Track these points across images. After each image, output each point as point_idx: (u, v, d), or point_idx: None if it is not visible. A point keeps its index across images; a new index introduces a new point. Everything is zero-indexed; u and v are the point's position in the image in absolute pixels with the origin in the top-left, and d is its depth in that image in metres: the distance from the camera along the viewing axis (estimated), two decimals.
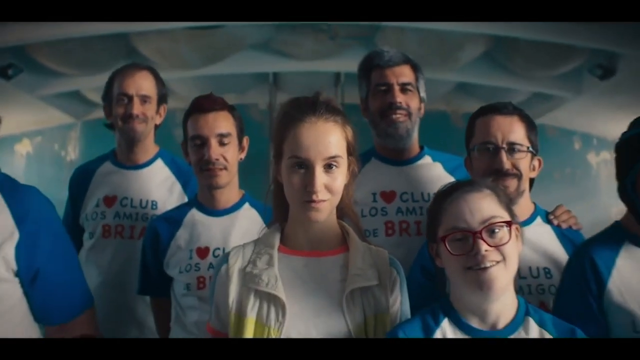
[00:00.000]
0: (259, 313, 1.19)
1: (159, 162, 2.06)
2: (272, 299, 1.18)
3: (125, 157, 2.04)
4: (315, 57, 5.33)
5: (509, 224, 1.13)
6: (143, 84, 1.97)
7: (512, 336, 1.12)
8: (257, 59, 5.48)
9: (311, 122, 1.18)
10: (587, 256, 1.29)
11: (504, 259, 1.11)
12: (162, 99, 2.05)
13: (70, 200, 2.06)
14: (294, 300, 1.19)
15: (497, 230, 1.12)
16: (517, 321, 1.14)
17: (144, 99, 1.98)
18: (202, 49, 5.17)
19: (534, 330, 1.13)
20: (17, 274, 1.37)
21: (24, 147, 16.02)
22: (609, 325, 1.23)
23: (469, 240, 1.11)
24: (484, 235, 1.10)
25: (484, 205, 1.13)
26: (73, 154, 16.10)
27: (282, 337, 1.17)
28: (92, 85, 8.17)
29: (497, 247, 1.11)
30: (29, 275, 1.38)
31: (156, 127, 2.09)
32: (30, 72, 6.14)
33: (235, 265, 1.24)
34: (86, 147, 17.04)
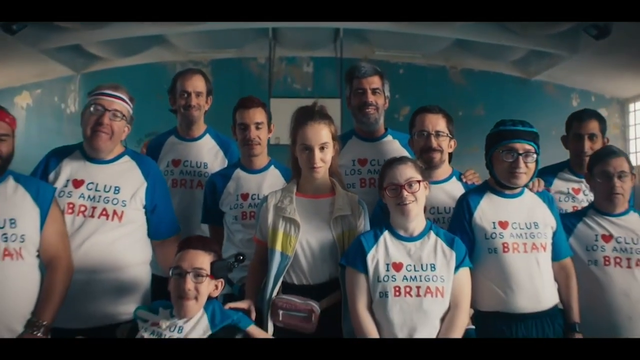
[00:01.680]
0: (285, 228, 2.34)
1: (208, 136, 3.19)
2: (292, 221, 2.34)
3: (185, 133, 3.17)
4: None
5: (419, 181, 2.27)
6: (198, 84, 3.09)
7: (420, 240, 2.27)
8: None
9: (311, 124, 2.32)
10: (465, 199, 2.46)
11: (416, 200, 2.26)
12: (209, 92, 3.16)
13: None
14: (303, 222, 2.34)
15: (413, 185, 2.26)
16: (425, 232, 2.30)
17: (198, 94, 3.10)
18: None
19: (432, 237, 2.29)
20: (144, 207, 2.53)
21: (23, 100, 16.71)
22: (475, 236, 2.40)
23: (398, 189, 2.26)
24: (406, 187, 2.25)
25: (407, 171, 2.27)
26: (73, 106, 16.78)
27: (297, 242, 2.31)
28: (93, 39, 9.04)
29: (413, 193, 2.25)
30: (150, 208, 2.55)
31: (205, 112, 3.19)
32: (33, 26, 6.76)
33: (271, 202, 2.39)
34: (85, 99, 17.69)
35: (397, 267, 2.20)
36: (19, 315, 2.18)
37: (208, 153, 3.15)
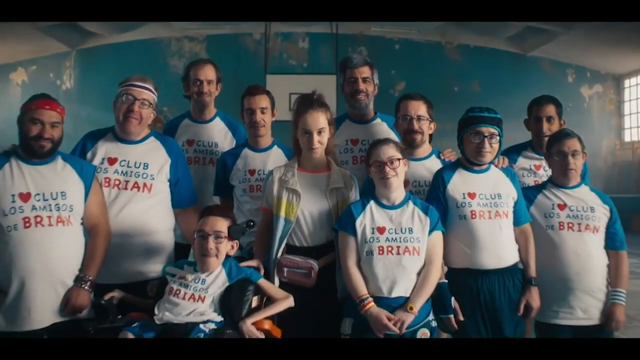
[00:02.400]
0: (288, 198, 2.88)
1: (218, 119, 3.71)
2: (294, 192, 2.88)
3: (197, 116, 3.68)
4: None
5: (399, 159, 2.80)
6: (209, 72, 3.60)
7: (400, 208, 2.81)
8: None
9: (310, 112, 2.85)
10: (440, 174, 3.00)
11: (397, 174, 2.79)
12: (219, 80, 3.67)
13: None
14: (303, 192, 2.88)
15: (394, 162, 2.79)
16: (404, 201, 2.84)
17: (209, 82, 3.61)
18: None
19: (410, 206, 2.82)
20: (169, 180, 3.06)
21: (19, 76, 17.06)
22: (447, 206, 2.93)
23: (381, 166, 2.78)
24: (388, 164, 2.78)
25: (389, 150, 2.80)
26: (68, 82, 17.12)
27: (298, 209, 2.85)
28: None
29: (394, 169, 2.78)
30: (173, 181, 3.08)
31: (215, 97, 3.70)
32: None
33: (276, 176, 2.92)
34: (81, 75, 17.98)
35: (381, 230, 2.74)
36: (69, 272, 2.72)
37: (218, 134, 3.67)
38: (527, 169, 3.49)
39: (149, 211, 3.00)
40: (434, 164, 3.21)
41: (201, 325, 2.48)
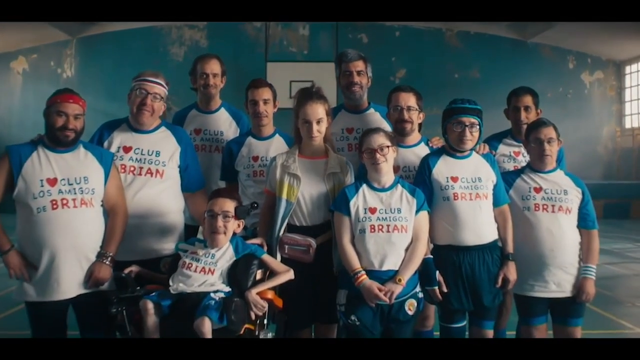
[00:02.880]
0: (289, 181, 3.26)
1: (223, 110, 4.09)
2: (295, 176, 3.26)
3: (204, 107, 4.05)
4: None
5: (388, 146, 3.16)
6: (214, 67, 3.96)
7: (390, 191, 3.18)
8: None
9: (310, 104, 3.22)
10: (426, 160, 3.38)
11: (386, 160, 3.17)
12: (223, 73, 4.04)
13: None
14: (303, 177, 3.26)
15: (384, 149, 3.16)
16: (393, 184, 3.21)
17: (214, 75, 3.97)
18: None
19: (399, 188, 3.20)
20: (179, 167, 3.43)
21: (19, 65, 17.39)
22: (432, 188, 3.31)
23: (373, 153, 3.16)
24: (378, 151, 3.15)
25: (379, 138, 3.17)
26: (69, 71, 17.43)
27: (299, 192, 3.22)
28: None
29: (384, 155, 3.15)
30: (183, 167, 3.46)
31: (220, 89, 4.06)
32: None
33: (279, 161, 3.30)
34: (81, 63, 18.27)
35: (372, 210, 3.12)
36: (92, 248, 3.10)
37: (224, 123, 4.04)
38: (507, 155, 3.85)
39: (161, 195, 3.38)
40: (423, 151, 3.57)
41: (212, 294, 2.86)
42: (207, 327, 2.69)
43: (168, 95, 3.49)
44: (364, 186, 3.20)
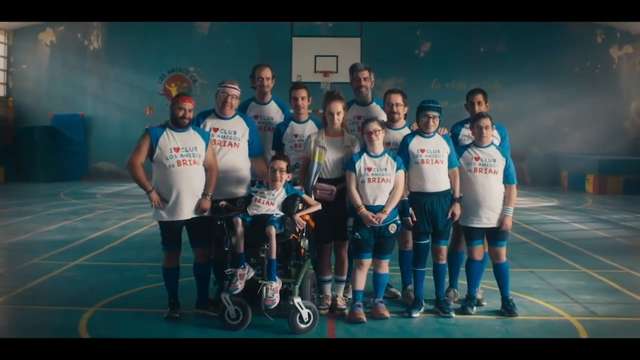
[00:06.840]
0: (319, 150, 6.35)
1: (273, 102, 7.15)
2: (323, 147, 6.36)
3: (260, 99, 7.12)
4: None
5: (380, 130, 6.14)
6: (268, 73, 6.99)
7: (380, 157, 6.14)
8: None
9: (333, 102, 6.29)
10: (405, 138, 6.39)
11: (378, 138, 6.19)
12: (273, 77, 6.99)
13: None
14: (328, 148, 6.34)
15: (377, 132, 6.16)
16: (383, 153, 6.24)
17: (267, 79, 6.97)
18: None
19: (386, 156, 6.18)
20: (247, 141, 6.49)
21: (47, 37, 20.80)
22: (408, 156, 6.26)
23: (369, 134, 6.13)
24: (373, 133, 6.12)
25: (374, 125, 6.20)
26: (96, 43, 20.75)
27: (325, 157, 6.21)
28: None
29: (376, 136, 6.13)
30: (250, 141, 6.60)
31: (271, 88, 7.02)
32: None
33: (313, 138, 6.42)
34: (108, 36, 21.53)
35: (369, 169, 6.10)
36: (199, 190, 6.17)
37: (273, 111, 7.06)
38: (466, 136, 6.80)
39: (237, 159, 6.42)
40: (406, 132, 6.49)
41: (273, 214, 5.82)
42: (273, 231, 5.67)
43: (194, 69, 6.43)
44: (365, 154, 6.17)
